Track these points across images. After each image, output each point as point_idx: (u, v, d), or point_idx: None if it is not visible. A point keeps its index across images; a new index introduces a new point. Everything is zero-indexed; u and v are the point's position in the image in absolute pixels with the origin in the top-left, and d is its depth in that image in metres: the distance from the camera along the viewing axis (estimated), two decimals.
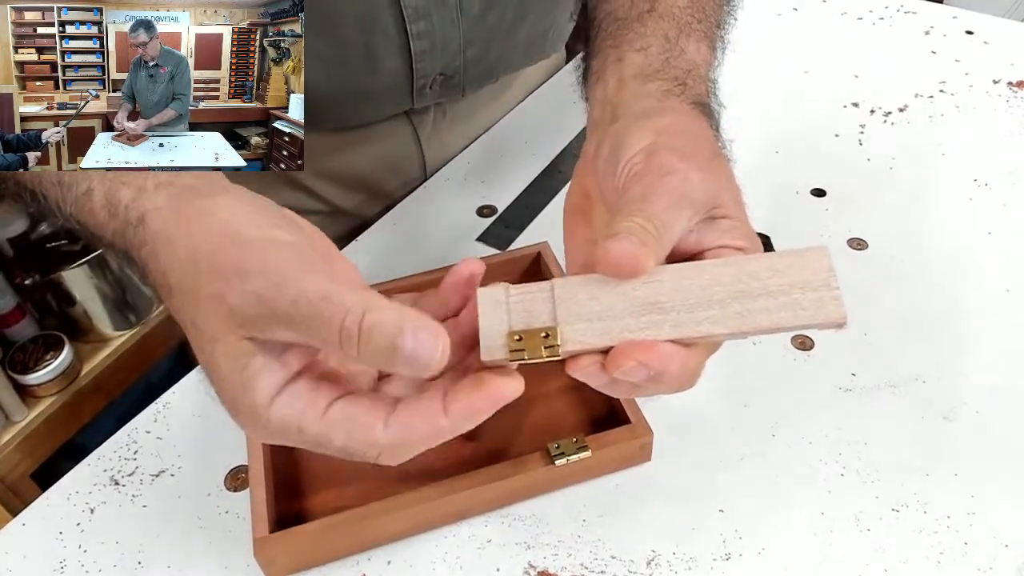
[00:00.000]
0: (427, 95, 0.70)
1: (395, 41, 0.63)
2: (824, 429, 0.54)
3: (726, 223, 0.38)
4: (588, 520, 0.50)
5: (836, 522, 0.50)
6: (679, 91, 0.44)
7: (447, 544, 0.49)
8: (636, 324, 0.35)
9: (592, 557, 0.48)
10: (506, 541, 0.49)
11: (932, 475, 0.52)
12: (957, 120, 0.80)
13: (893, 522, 0.49)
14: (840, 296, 0.35)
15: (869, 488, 0.51)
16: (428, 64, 0.66)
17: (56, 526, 0.51)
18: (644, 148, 0.39)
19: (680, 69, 0.45)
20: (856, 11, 0.97)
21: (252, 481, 0.48)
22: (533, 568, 0.48)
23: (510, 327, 0.36)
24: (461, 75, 0.69)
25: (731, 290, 0.35)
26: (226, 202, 0.37)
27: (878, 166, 0.75)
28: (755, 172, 0.74)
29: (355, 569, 0.48)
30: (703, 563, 0.48)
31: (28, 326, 1.38)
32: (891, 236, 0.68)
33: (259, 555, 0.46)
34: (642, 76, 0.45)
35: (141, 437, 0.56)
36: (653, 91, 0.44)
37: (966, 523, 0.49)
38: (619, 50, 0.47)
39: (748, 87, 0.85)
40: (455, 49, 0.66)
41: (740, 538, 0.49)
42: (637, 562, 0.48)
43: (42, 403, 1.35)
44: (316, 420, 0.35)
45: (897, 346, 0.59)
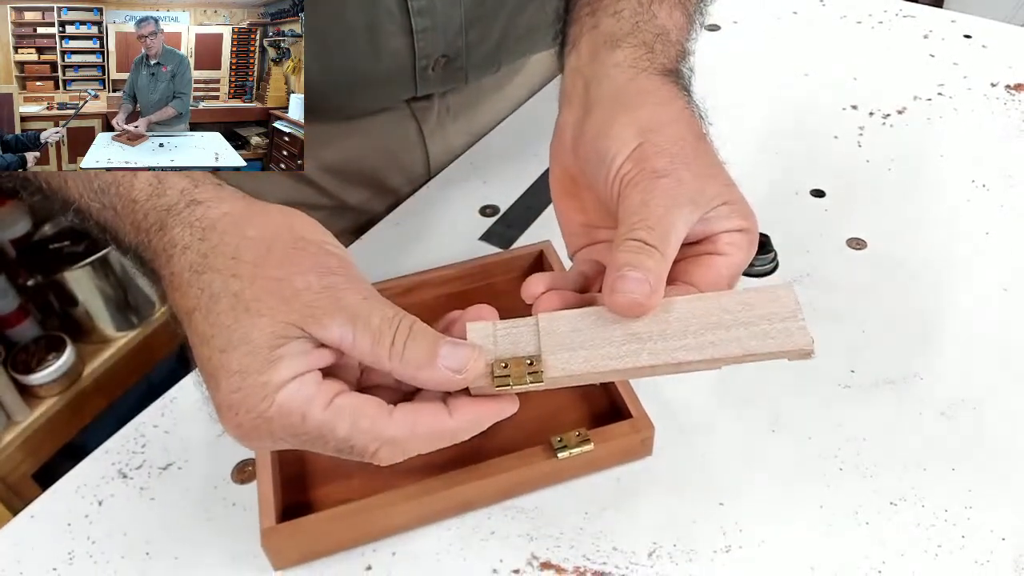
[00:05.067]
0: (430, 79, 0.70)
1: (397, 19, 0.64)
2: (823, 425, 0.55)
3: (725, 209, 0.40)
4: (590, 512, 0.51)
5: (835, 516, 0.50)
6: (647, 60, 0.45)
7: (451, 536, 0.50)
8: (616, 352, 0.37)
9: (594, 549, 0.49)
10: (509, 533, 0.50)
11: (930, 470, 0.52)
12: (955, 122, 0.81)
13: (891, 516, 0.50)
14: (806, 327, 0.37)
15: (868, 482, 0.52)
16: (430, 43, 0.66)
17: (65, 518, 0.52)
18: (631, 156, 0.40)
19: (649, 34, 0.46)
20: (855, 15, 0.98)
21: (259, 472, 0.49)
22: (536, 559, 0.49)
23: (496, 356, 0.38)
24: (464, 58, 0.70)
25: (705, 322, 0.37)
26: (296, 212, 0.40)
27: (877, 167, 0.76)
28: (755, 173, 0.75)
29: (360, 560, 0.49)
30: (703, 555, 0.48)
31: (30, 327, 1.39)
32: (890, 236, 0.68)
33: (266, 545, 0.46)
34: (611, 41, 0.46)
35: (148, 431, 0.56)
36: (621, 60, 0.45)
37: (963, 516, 0.50)
38: (595, 17, 0.48)
39: (748, 89, 0.86)
40: (457, 28, 0.67)
41: (740, 531, 0.49)
42: (638, 554, 0.49)
43: (44, 403, 1.36)
44: (321, 408, 0.36)
45: (895, 344, 0.60)
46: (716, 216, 0.40)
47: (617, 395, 0.53)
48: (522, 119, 0.84)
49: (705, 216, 0.39)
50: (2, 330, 1.36)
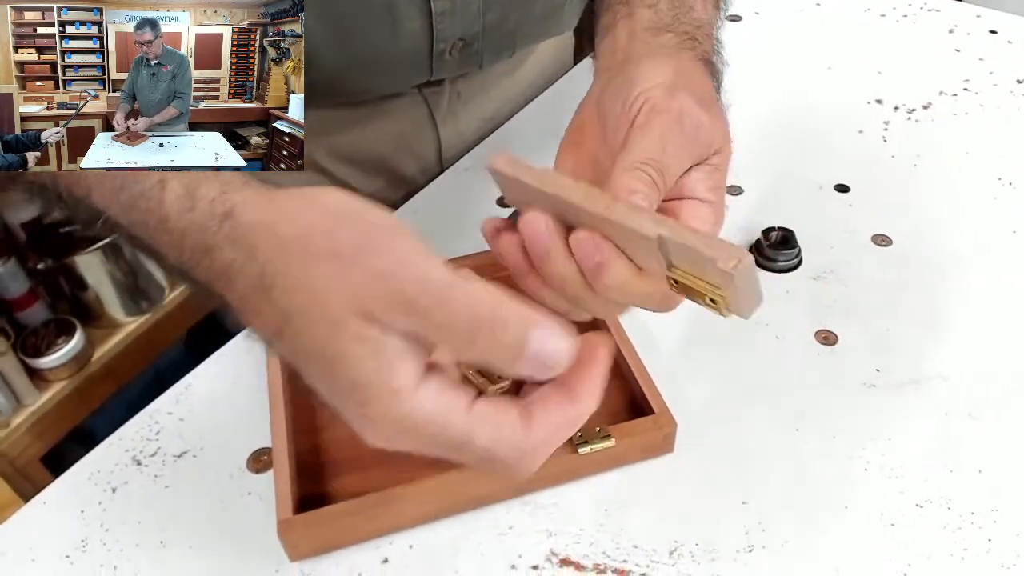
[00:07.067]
0: (446, 64, 0.69)
1: (416, 1, 0.63)
2: (848, 424, 0.54)
3: (707, 167, 0.41)
4: (610, 509, 0.50)
5: (860, 517, 0.49)
6: (690, 45, 0.45)
7: (468, 530, 0.49)
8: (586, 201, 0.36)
9: (614, 546, 0.48)
10: (528, 528, 0.49)
11: (956, 472, 0.51)
12: (981, 119, 0.79)
13: (917, 518, 0.49)
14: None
15: (893, 484, 0.51)
16: (448, 27, 0.66)
17: (78, 505, 0.51)
18: (663, 83, 0.41)
19: (690, 25, 0.47)
20: (879, 8, 0.96)
21: (276, 464, 0.48)
22: (555, 555, 0.48)
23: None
24: (480, 41, 0.69)
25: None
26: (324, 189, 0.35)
27: (902, 163, 0.74)
28: (778, 167, 0.74)
29: (377, 553, 0.48)
30: (726, 554, 0.48)
31: (40, 310, 1.39)
32: (915, 233, 0.67)
33: (283, 536, 0.46)
34: (653, 29, 0.46)
35: (163, 418, 0.55)
36: (665, 43, 0.45)
37: (990, 519, 0.49)
38: (629, 6, 0.48)
39: (770, 81, 0.85)
40: (475, 12, 0.66)
41: (763, 531, 0.49)
42: (659, 552, 0.48)
43: (53, 387, 1.36)
44: (463, 415, 0.32)
45: (921, 343, 0.59)
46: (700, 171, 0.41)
47: (639, 391, 0.52)
48: (537, 112, 0.83)
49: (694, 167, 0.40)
50: (12, 313, 1.36)
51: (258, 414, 0.54)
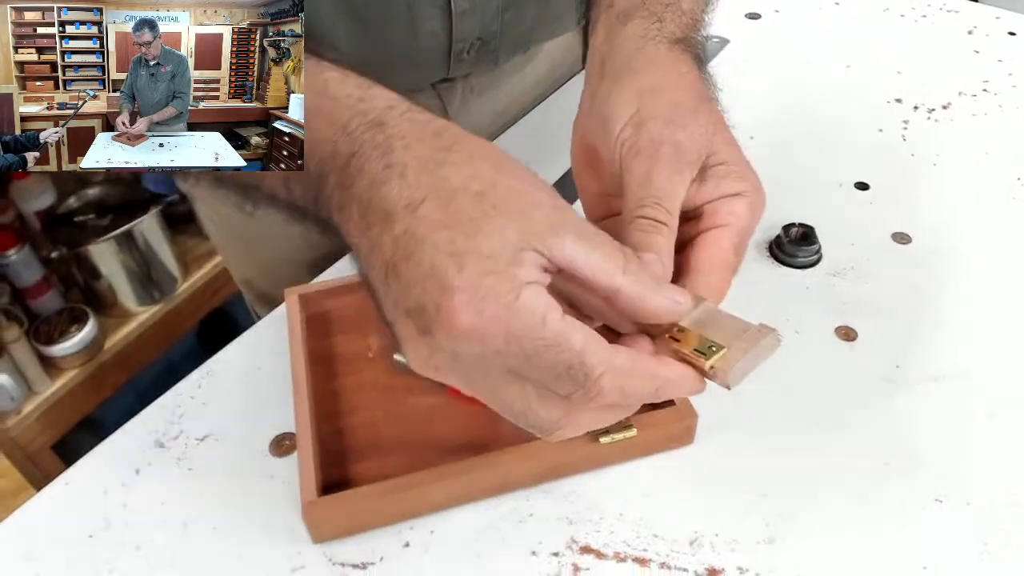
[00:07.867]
0: (463, 62, 0.69)
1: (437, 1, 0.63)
2: (867, 419, 0.54)
3: (722, 169, 0.41)
4: (631, 499, 0.50)
5: (879, 511, 0.49)
6: (656, 30, 0.46)
7: (490, 516, 0.49)
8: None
9: (635, 535, 0.48)
10: (548, 515, 0.49)
11: (975, 468, 0.51)
12: (1001, 119, 0.79)
13: (935, 513, 0.49)
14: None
15: (913, 479, 0.51)
16: (468, 26, 0.66)
17: (100, 485, 0.51)
18: (630, 121, 0.42)
19: (659, 5, 0.47)
20: (898, 8, 0.96)
21: (300, 447, 0.48)
22: (575, 543, 0.48)
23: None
24: (498, 40, 0.69)
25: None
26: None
27: (922, 162, 0.75)
28: (798, 164, 0.74)
29: (398, 537, 0.48)
30: (746, 545, 0.48)
31: (53, 299, 1.39)
32: (935, 231, 0.67)
33: (308, 518, 0.46)
34: (623, 16, 0.47)
35: (185, 402, 0.56)
36: (631, 34, 0.46)
37: (1009, 515, 0.49)
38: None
39: (789, 79, 0.85)
40: (494, 11, 0.66)
41: (784, 523, 0.49)
42: (680, 542, 0.48)
43: (65, 375, 1.36)
44: (559, 316, 0.34)
45: (940, 340, 0.59)
46: (713, 177, 0.41)
47: None
48: (549, 109, 0.83)
49: (703, 177, 0.41)
50: (25, 301, 1.37)
51: (280, 399, 0.54)
